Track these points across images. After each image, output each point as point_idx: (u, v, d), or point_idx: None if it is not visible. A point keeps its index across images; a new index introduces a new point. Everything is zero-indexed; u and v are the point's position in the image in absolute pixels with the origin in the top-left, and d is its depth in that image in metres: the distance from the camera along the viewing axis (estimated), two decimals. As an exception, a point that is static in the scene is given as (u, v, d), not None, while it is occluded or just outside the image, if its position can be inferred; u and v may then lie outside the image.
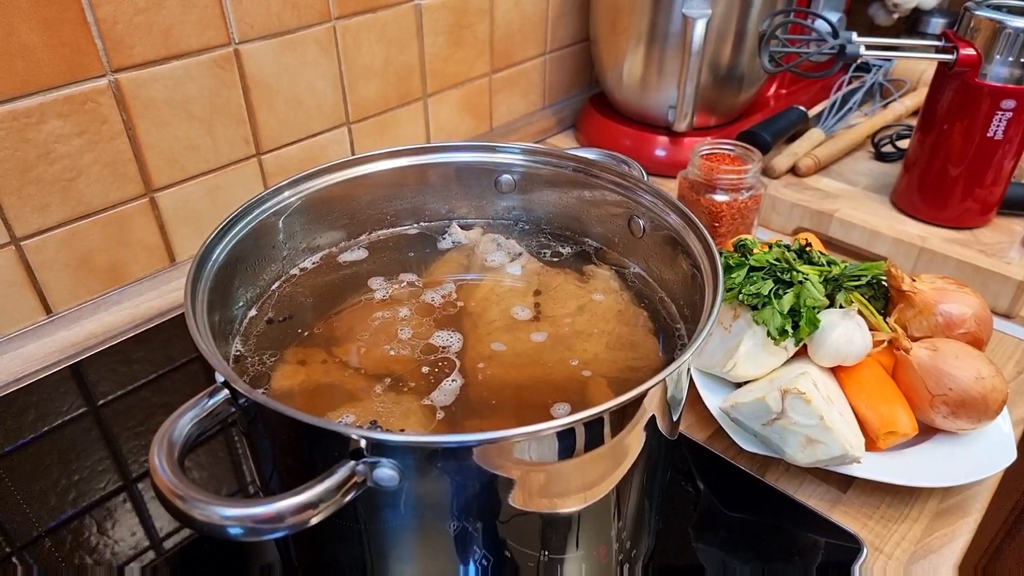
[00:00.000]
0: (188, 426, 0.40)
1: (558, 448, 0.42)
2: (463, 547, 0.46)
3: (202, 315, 0.47)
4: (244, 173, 0.90)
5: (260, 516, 0.37)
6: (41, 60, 0.69)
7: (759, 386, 0.63)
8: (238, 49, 0.83)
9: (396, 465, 0.40)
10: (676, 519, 0.62)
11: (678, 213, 0.56)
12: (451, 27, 1.04)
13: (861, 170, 1.07)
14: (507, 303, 0.61)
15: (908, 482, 0.61)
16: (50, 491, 0.64)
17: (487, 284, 0.64)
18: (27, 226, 0.74)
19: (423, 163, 0.65)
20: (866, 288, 0.68)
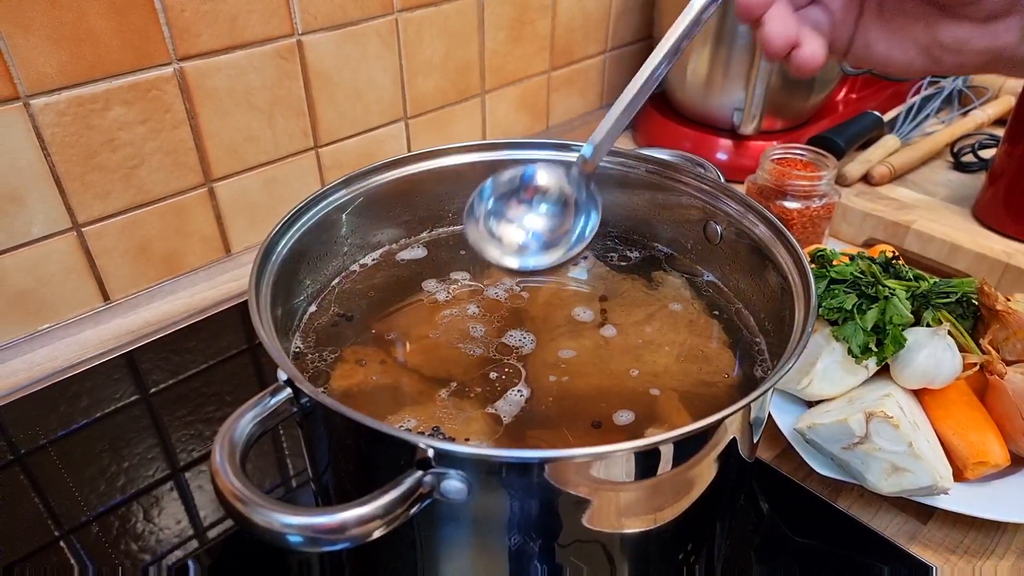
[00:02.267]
0: (250, 426, 0.39)
1: (636, 468, 0.40)
2: (521, 564, 0.44)
3: (266, 309, 0.46)
4: (301, 166, 0.89)
5: (322, 526, 0.35)
6: (109, 46, 0.69)
7: (838, 406, 0.59)
8: (301, 40, 0.82)
9: (465, 478, 0.38)
10: (737, 542, 0.59)
11: (766, 223, 0.53)
12: (512, 22, 1.02)
13: (939, 180, 1.02)
14: (571, 308, 0.59)
15: (996, 516, 0.57)
16: (100, 477, 0.64)
17: (550, 288, 0.61)
18: (89, 212, 0.74)
19: (491, 160, 0.63)
20: (954, 306, 0.64)
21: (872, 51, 0.44)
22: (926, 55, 0.43)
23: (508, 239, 0.49)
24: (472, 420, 0.49)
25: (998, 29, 0.41)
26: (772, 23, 0.42)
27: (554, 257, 0.48)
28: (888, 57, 0.44)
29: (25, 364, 0.73)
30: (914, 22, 0.43)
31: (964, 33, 0.41)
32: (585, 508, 0.41)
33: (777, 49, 0.42)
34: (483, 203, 0.49)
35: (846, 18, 0.44)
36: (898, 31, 0.43)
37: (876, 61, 0.45)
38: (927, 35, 0.42)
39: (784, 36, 0.42)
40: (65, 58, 0.67)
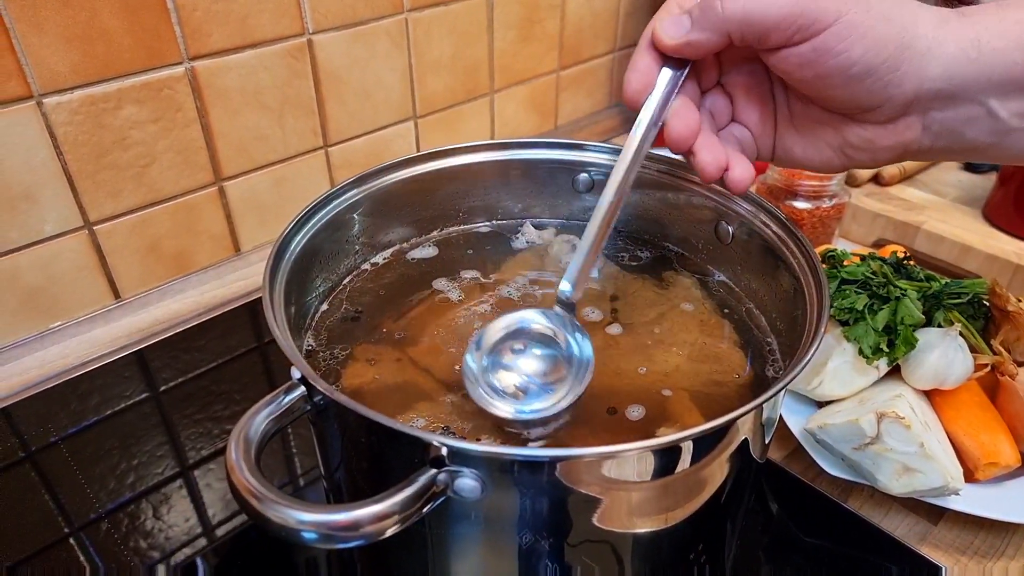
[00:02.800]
0: (264, 423, 0.39)
1: (648, 467, 0.40)
2: (532, 563, 0.44)
3: (280, 308, 0.46)
4: (311, 165, 0.89)
5: (336, 523, 0.35)
6: (121, 45, 0.69)
7: (849, 407, 0.59)
8: (311, 39, 0.82)
9: (479, 476, 0.38)
10: (747, 541, 0.59)
11: (778, 223, 0.53)
12: (521, 22, 1.02)
13: (949, 181, 1.02)
14: (582, 307, 0.59)
15: (1007, 517, 0.57)
16: (109, 474, 0.64)
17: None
18: (100, 211, 0.74)
19: (502, 159, 0.63)
20: (966, 307, 0.64)
21: (792, 154, 0.49)
22: (840, 154, 0.47)
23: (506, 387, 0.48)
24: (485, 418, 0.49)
25: (899, 128, 0.44)
26: (702, 152, 0.46)
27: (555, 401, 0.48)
28: (806, 158, 0.48)
29: (36, 361, 0.74)
30: (823, 128, 0.46)
31: (869, 134, 0.45)
32: (596, 507, 0.41)
33: (711, 174, 0.46)
34: (477, 362, 0.49)
35: (764, 131, 0.49)
36: (810, 136, 0.47)
37: (797, 162, 0.49)
38: (837, 138, 0.46)
39: (715, 163, 0.46)
40: (78, 57, 0.67)
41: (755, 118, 0.49)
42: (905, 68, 0.41)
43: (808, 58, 0.41)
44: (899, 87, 0.42)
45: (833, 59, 0.41)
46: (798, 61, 0.42)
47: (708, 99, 0.49)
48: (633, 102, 0.47)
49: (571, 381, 0.48)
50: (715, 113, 0.49)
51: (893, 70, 0.41)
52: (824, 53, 0.41)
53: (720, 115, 0.49)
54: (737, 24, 0.42)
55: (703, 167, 0.46)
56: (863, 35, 0.40)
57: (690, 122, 0.46)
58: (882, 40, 0.40)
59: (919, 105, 0.43)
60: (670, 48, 0.45)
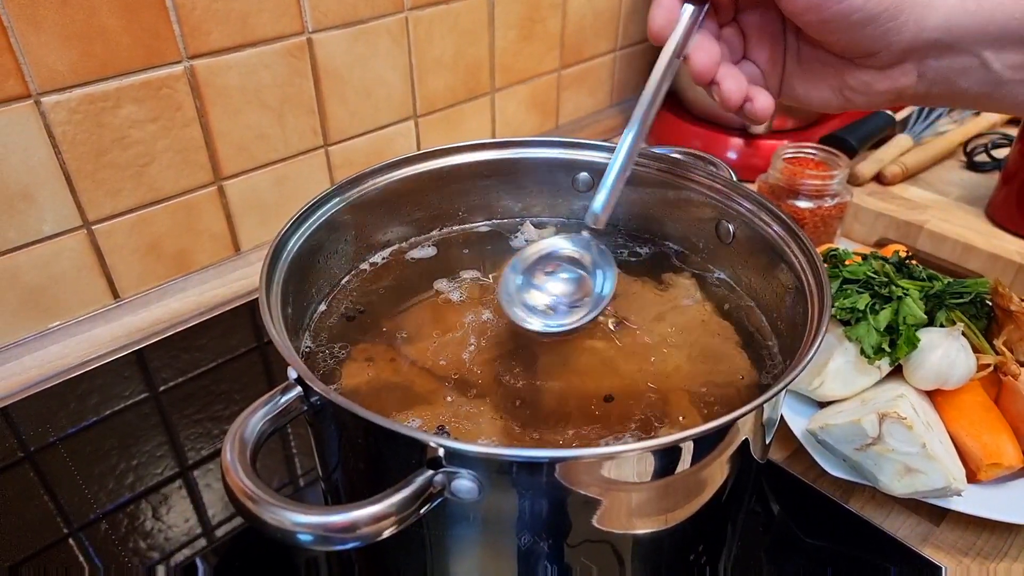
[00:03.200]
0: (260, 424, 0.39)
1: (647, 468, 0.39)
2: (531, 564, 0.44)
3: (276, 308, 0.46)
4: (311, 164, 0.89)
5: (332, 525, 0.35)
6: (119, 44, 0.69)
7: (850, 407, 0.59)
8: (312, 38, 0.82)
9: (475, 477, 0.37)
10: (748, 542, 0.59)
11: (779, 222, 0.53)
12: (523, 20, 1.02)
13: (952, 180, 1.01)
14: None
15: (1010, 518, 0.56)
16: (109, 475, 0.64)
17: (560, 287, 0.61)
18: (99, 210, 0.74)
19: (502, 158, 0.63)
20: (968, 306, 0.63)
21: (794, 93, 0.51)
22: (838, 95, 0.49)
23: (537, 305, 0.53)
24: (482, 419, 0.49)
25: (895, 74, 0.46)
26: (726, 81, 0.49)
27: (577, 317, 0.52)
28: (808, 97, 0.51)
29: (36, 361, 0.74)
30: (826, 69, 0.49)
31: (868, 78, 0.47)
32: (595, 508, 0.40)
33: (735, 102, 0.49)
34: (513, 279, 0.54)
35: (773, 69, 0.51)
36: (812, 77, 0.50)
37: (798, 99, 0.51)
38: (837, 80, 0.49)
39: (739, 91, 0.49)
40: (76, 56, 0.67)
41: (765, 56, 0.51)
42: (904, 17, 0.43)
43: (813, 3, 0.43)
44: (898, 35, 0.43)
45: (836, 5, 0.42)
46: (804, 5, 0.43)
47: (724, 34, 0.51)
48: (658, 37, 0.48)
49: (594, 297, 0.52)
50: (730, 46, 0.51)
51: (893, 19, 0.43)
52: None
53: (734, 51, 0.51)
54: None
55: (727, 95, 0.48)
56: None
57: (712, 53, 0.48)
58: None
59: (916, 53, 0.45)
60: None
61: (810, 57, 0.49)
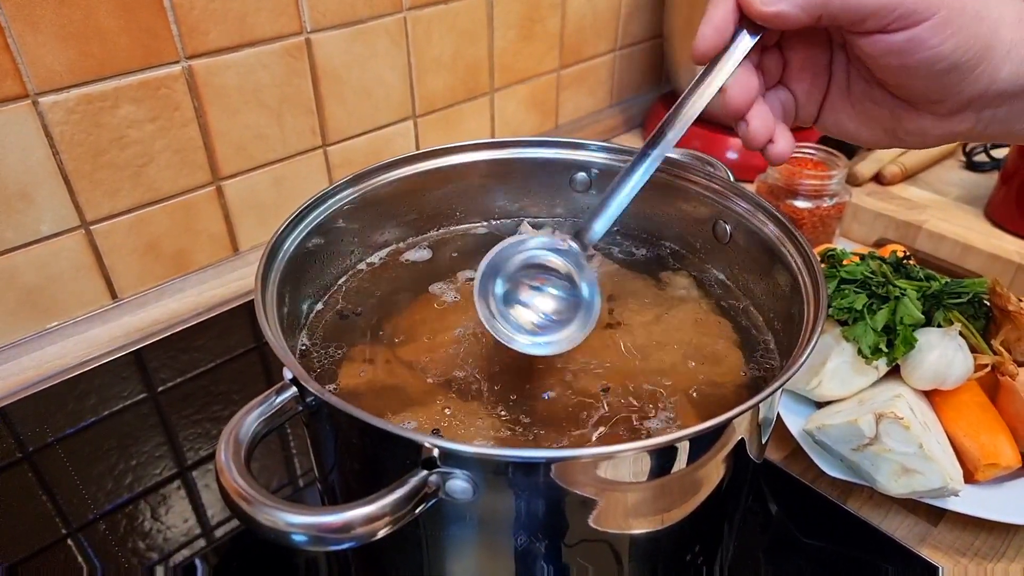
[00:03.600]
0: (255, 424, 0.39)
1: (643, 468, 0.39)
2: (528, 564, 0.44)
3: (272, 308, 0.45)
4: (310, 164, 0.89)
5: (326, 525, 0.35)
6: (117, 44, 0.69)
7: (848, 407, 0.59)
8: (310, 38, 0.81)
9: (470, 477, 0.37)
10: (746, 543, 0.59)
11: (775, 222, 0.53)
12: (522, 20, 1.02)
13: (951, 180, 1.01)
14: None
15: (1007, 518, 0.56)
16: (107, 475, 0.64)
17: (558, 287, 0.61)
18: (97, 210, 0.74)
19: (499, 158, 0.63)
20: (966, 307, 0.63)
21: (843, 128, 0.49)
22: (891, 136, 0.48)
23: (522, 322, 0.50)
24: (478, 420, 0.49)
25: (954, 121, 0.45)
26: (755, 121, 0.46)
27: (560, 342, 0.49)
28: (856, 133, 0.49)
29: (34, 361, 0.74)
30: (880, 109, 0.47)
31: (926, 124, 0.46)
32: (592, 508, 0.40)
33: (759, 143, 0.47)
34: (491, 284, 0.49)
35: (810, 99, 0.49)
36: (865, 114, 0.48)
37: (846, 135, 0.50)
38: (892, 121, 0.47)
39: (765, 132, 0.47)
40: (74, 56, 0.67)
41: (805, 87, 0.49)
42: (983, 68, 0.42)
43: (899, 47, 0.41)
44: (972, 85, 0.42)
45: (924, 52, 0.41)
46: (887, 48, 0.42)
47: (763, 58, 0.49)
48: (702, 59, 0.46)
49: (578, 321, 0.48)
50: (766, 72, 0.49)
51: (973, 68, 0.41)
52: (918, 45, 0.41)
53: (770, 76, 0.49)
54: (836, 6, 0.41)
55: (753, 136, 0.47)
56: (956, 31, 0.40)
57: (750, 90, 0.46)
58: (973, 39, 0.41)
59: (980, 102, 0.44)
60: (761, 15, 0.43)
61: (863, 95, 0.47)
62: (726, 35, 0.45)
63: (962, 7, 0.41)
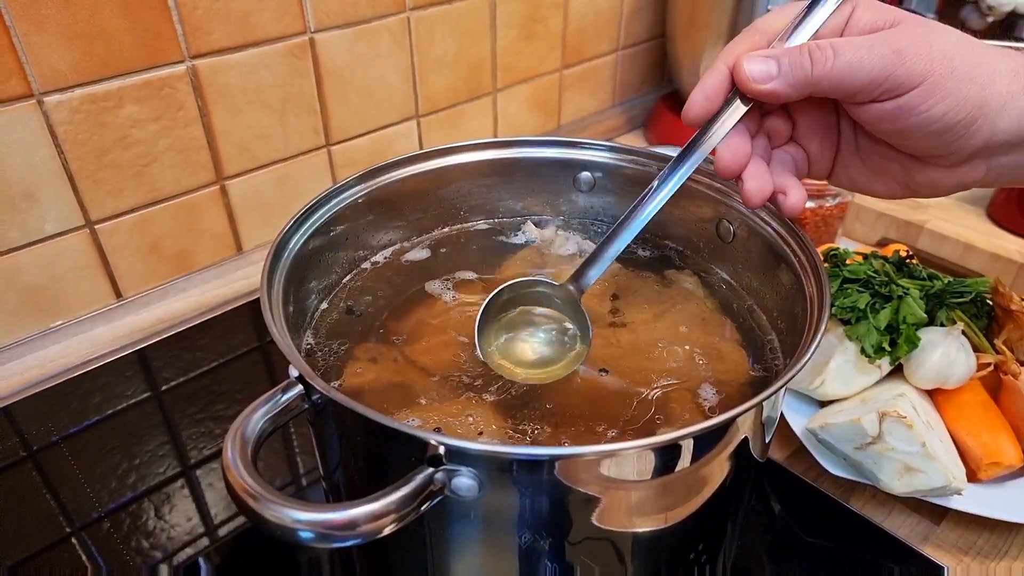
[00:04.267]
0: (261, 422, 0.39)
1: (647, 466, 0.39)
2: (532, 562, 0.44)
3: (278, 307, 0.46)
4: (313, 163, 0.89)
5: (333, 522, 0.35)
6: (121, 43, 0.69)
7: (851, 406, 0.59)
8: (313, 38, 0.82)
9: (476, 475, 0.37)
10: (749, 541, 0.59)
11: (779, 222, 0.53)
12: (524, 20, 1.02)
13: (953, 180, 1.01)
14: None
15: (1010, 517, 0.56)
16: (111, 474, 0.64)
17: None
18: (101, 210, 0.74)
19: (503, 157, 0.63)
20: (968, 306, 0.63)
21: (856, 182, 0.50)
22: (905, 188, 0.48)
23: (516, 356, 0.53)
24: (482, 418, 0.49)
25: (964, 170, 0.46)
26: (749, 181, 0.47)
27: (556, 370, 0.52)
28: (871, 187, 0.50)
29: (38, 361, 0.74)
30: (890, 164, 0.48)
31: (936, 175, 0.46)
32: (595, 506, 0.41)
33: (754, 202, 0.48)
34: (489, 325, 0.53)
35: (822, 155, 0.50)
36: (876, 169, 0.49)
37: (861, 189, 0.51)
38: (903, 175, 0.48)
39: (760, 192, 0.48)
40: (78, 56, 0.67)
41: (815, 145, 0.50)
42: (979, 124, 0.42)
43: (891, 114, 0.43)
44: (971, 140, 0.43)
45: (915, 117, 0.42)
46: (880, 115, 0.43)
47: (768, 120, 0.50)
48: (692, 123, 0.48)
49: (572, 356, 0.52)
50: (772, 134, 0.50)
51: (968, 126, 0.42)
52: (908, 111, 0.42)
53: (777, 136, 0.50)
54: (825, 85, 0.43)
55: (748, 194, 0.48)
56: (945, 96, 0.41)
57: (740, 154, 0.47)
58: (963, 101, 0.42)
59: (986, 152, 0.44)
60: (753, 92, 0.45)
61: (872, 152, 0.48)
62: (716, 103, 0.47)
63: (951, 71, 0.41)
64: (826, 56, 0.42)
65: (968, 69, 0.42)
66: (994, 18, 1.30)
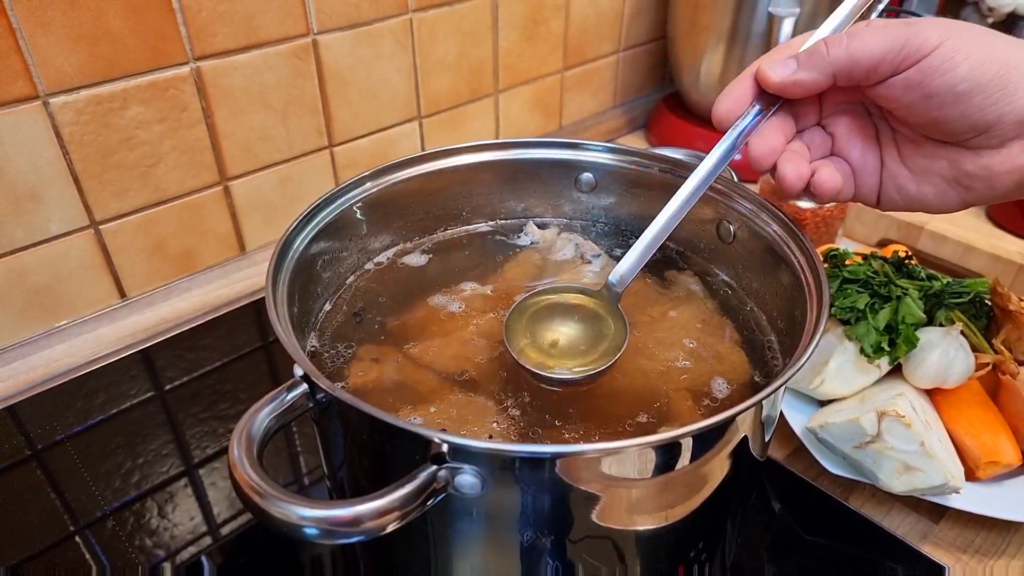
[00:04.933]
0: (267, 420, 0.39)
1: (647, 464, 0.40)
2: (533, 559, 0.44)
3: (283, 307, 0.46)
4: (315, 164, 0.89)
5: (337, 519, 0.35)
6: (126, 45, 0.69)
7: (850, 406, 0.59)
8: (316, 40, 0.82)
9: (479, 472, 0.38)
10: (749, 540, 0.59)
11: (779, 223, 0.53)
12: (526, 22, 1.03)
13: (953, 181, 1.02)
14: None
15: (1008, 516, 0.57)
16: (115, 473, 0.64)
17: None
18: (106, 210, 0.75)
19: (504, 159, 0.63)
20: (968, 306, 0.64)
21: (907, 194, 0.48)
22: (957, 186, 0.46)
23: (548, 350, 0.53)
24: (486, 417, 0.49)
25: (1014, 151, 0.43)
26: (784, 165, 0.47)
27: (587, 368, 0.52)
28: (922, 196, 0.48)
29: (43, 360, 0.74)
30: (937, 162, 0.46)
31: (985, 160, 0.44)
32: (596, 504, 0.41)
33: (791, 184, 0.47)
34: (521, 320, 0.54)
35: (866, 168, 0.49)
36: (923, 173, 0.47)
37: (913, 202, 0.48)
38: (952, 169, 0.46)
39: (796, 172, 0.47)
40: (84, 57, 0.67)
41: (856, 152, 0.49)
42: (1013, 86, 0.41)
43: (915, 80, 0.42)
44: (1009, 103, 0.42)
45: (940, 77, 0.42)
46: (904, 84, 0.43)
47: (806, 136, 0.50)
48: (720, 124, 0.48)
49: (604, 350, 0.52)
50: (812, 147, 0.50)
51: (1001, 87, 0.41)
52: (931, 73, 0.42)
53: (817, 149, 0.50)
54: (843, 64, 0.44)
55: (783, 176, 0.47)
56: (967, 56, 0.41)
57: (773, 144, 0.47)
58: (988, 57, 0.41)
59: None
60: (775, 84, 0.46)
61: (915, 152, 0.47)
62: (742, 105, 0.48)
63: (968, 35, 0.41)
64: (840, 40, 0.44)
65: (984, 38, 0.42)
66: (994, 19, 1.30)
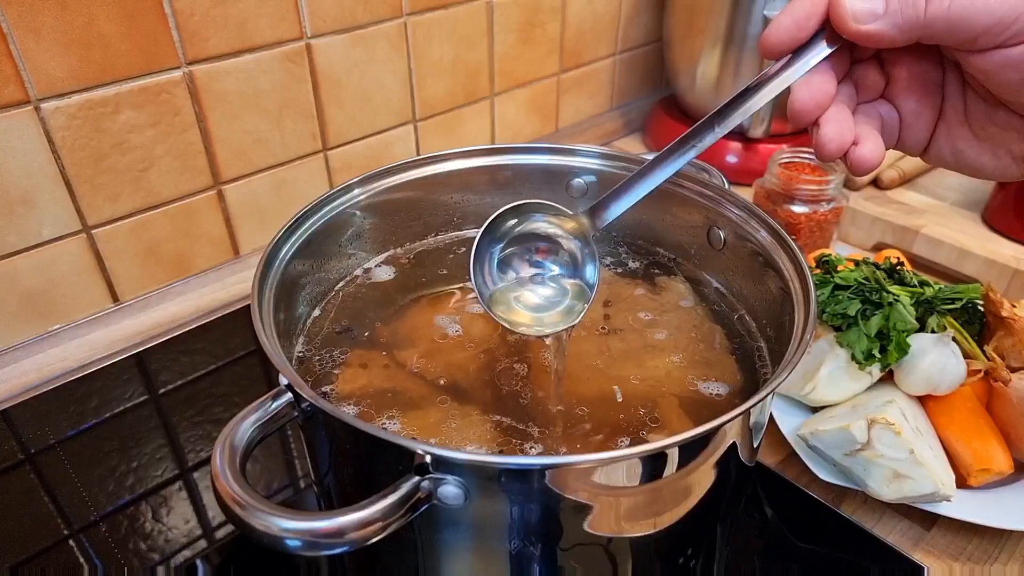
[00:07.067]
0: (250, 430, 0.39)
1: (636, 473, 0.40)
2: (522, 568, 0.44)
3: (268, 313, 0.46)
4: (310, 168, 0.89)
5: (320, 531, 0.35)
6: (118, 50, 0.69)
7: (841, 412, 0.59)
8: (310, 43, 0.82)
9: (461, 483, 0.38)
10: (741, 547, 0.59)
11: (768, 229, 0.53)
12: (522, 25, 1.02)
13: (949, 184, 1.01)
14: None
15: (1000, 523, 0.56)
16: (108, 477, 0.64)
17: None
18: (99, 215, 0.75)
19: (495, 164, 0.63)
20: (960, 312, 0.64)
21: (962, 157, 0.43)
22: (1021, 162, 0.41)
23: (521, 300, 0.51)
24: (473, 425, 0.49)
25: None
26: (827, 125, 0.41)
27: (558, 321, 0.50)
28: (980, 164, 0.42)
29: (36, 364, 0.74)
30: (1008, 134, 0.41)
31: None
32: (585, 513, 0.41)
33: (830, 152, 0.41)
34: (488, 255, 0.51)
35: (918, 120, 0.43)
36: (989, 140, 0.42)
37: (965, 165, 0.43)
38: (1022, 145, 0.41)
39: (838, 139, 0.41)
40: (75, 62, 0.67)
41: (912, 105, 0.42)
42: None
43: (1017, 61, 0.37)
44: None
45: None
46: (1004, 62, 0.37)
47: (856, 70, 0.43)
48: (768, 53, 0.41)
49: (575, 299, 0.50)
50: (861, 85, 0.43)
51: None
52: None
53: (868, 89, 0.43)
54: (940, 27, 0.37)
55: (822, 141, 0.41)
56: None
57: (820, 96, 0.41)
58: None
59: None
60: (851, 32, 0.39)
61: (985, 118, 0.41)
62: (807, 31, 0.40)
63: None
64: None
65: None
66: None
